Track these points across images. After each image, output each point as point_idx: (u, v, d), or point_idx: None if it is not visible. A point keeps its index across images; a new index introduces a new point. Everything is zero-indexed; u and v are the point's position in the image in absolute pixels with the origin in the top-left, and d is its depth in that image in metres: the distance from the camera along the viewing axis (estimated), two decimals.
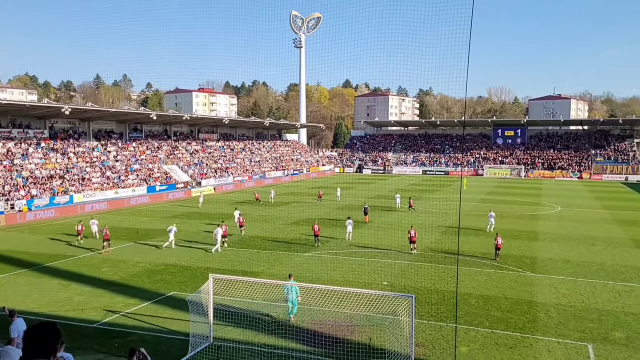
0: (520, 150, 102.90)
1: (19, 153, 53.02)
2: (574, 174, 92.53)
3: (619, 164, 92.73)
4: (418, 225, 37.74)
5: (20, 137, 55.92)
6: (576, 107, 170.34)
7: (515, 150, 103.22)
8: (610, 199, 59.22)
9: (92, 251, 31.01)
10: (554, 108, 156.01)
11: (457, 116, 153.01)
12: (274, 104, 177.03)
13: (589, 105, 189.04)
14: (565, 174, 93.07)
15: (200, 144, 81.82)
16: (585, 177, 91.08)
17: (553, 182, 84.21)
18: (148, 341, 16.91)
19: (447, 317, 19.16)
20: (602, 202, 56.00)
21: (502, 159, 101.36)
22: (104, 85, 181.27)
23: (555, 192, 66.53)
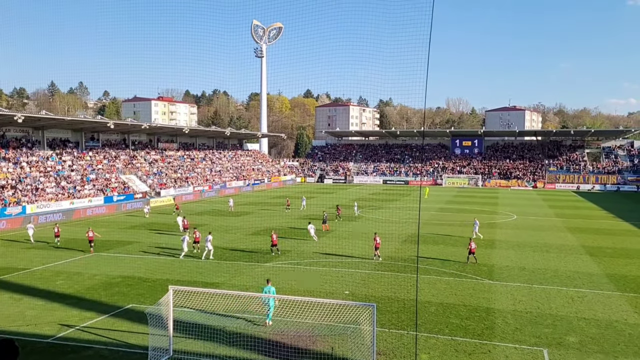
0: (477, 160, 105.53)
1: None
2: (528, 183, 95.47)
3: (570, 173, 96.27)
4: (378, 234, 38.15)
5: None
6: (530, 118, 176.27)
7: (472, 160, 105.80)
8: (563, 207, 61.37)
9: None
10: (509, 119, 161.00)
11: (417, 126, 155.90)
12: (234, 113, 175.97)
13: (542, 117, 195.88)
14: (520, 183, 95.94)
15: (160, 153, 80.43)
16: (539, 186, 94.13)
17: (509, 191, 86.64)
18: (105, 355, 16.45)
19: (407, 324, 19.39)
20: (555, 210, 57.97)
21: (460, 168, 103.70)
22: (59, 93, 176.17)
23: (511, 201, 68.48)
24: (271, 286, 20.01)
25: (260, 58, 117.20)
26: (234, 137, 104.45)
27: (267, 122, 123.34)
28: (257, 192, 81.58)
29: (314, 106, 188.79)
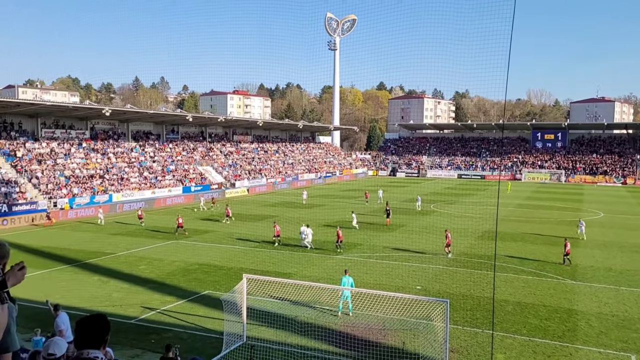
0: (560, 154, 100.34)
1: (61, 153, 54.68)
2: (617, 179, 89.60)
3: None
4: (452, 229, 37.23)
5: (63, 137, 57.67)
6: (620, 110, 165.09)
7: (555, 154, 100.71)
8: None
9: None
10: (596, 111, 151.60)
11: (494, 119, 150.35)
12: (307, 106, 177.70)
13: (634, 108, 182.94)
14: (607, 179, 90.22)
15: (235, 146, 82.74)
16: (629, 183, 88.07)
17: (595, 188, 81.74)
18: (183, 338, 17.16)
19: (482, 323, 18.80)
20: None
21: (541, 162, 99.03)
22: (142, 87, 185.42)
23: (597, 198, 64.57)
24: (349, 276, 19.88)
25: (333, 51, 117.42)
26: (307, 130, 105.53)
27: (339, 115, 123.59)
28: (329, 185, 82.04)
29: (387, 99, 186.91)
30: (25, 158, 50.37)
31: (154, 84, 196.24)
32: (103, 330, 3.33)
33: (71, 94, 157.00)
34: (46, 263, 27.98)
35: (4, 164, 47.75)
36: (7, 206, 41.51)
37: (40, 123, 55.82)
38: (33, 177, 48.17)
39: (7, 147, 50.36)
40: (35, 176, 48.43)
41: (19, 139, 52.77)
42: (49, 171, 50.56)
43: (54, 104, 57.29)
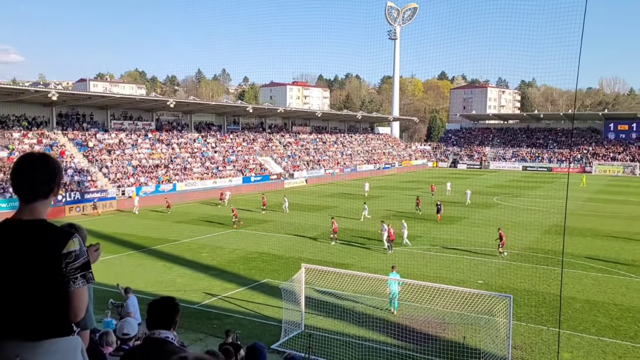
0: (635, 146, 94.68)
1: (129, 143, 57.06)
2: None
3: None
4: (517, 223, 36.00)
5: (131, 129, 60.14)
6: None
7: (629, 146, 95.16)
8: None
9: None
10: None
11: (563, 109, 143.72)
12: (366, 97, 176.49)
13: None
14: None
15: (293, 136, 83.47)
16: None
17: None
18: (243, 324, 17.53)
19: (547, 320, 18.09)
20: None
21: (613, 154, 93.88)
22: (205, 79, 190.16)
23: None
24: (396, 272, 19.43)
25: (393, 40, 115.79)
26: (365, 121, 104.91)
27: (399, 106, 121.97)
28: (387, 176, 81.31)
29: (448, 88, 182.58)
30: (96, 148, 52.93)
31: (215, 75, 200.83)
32: (173, 312, 3.43)
33: (138, 87, 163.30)
34: (115, 248, 29.33)
35: (77, 153, 50.38)
36: (79, 194, 43.81)
37: (110, 115, 58.41)
38: (103, 166, 50.57)
39: (80, 137, 53.07)
40: (105, 165, 50.82)
41: (91, 130, 55.48)
42: (118, 161, 52.90)
43: (122, 96, 59.81)
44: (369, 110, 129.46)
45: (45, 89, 49.77)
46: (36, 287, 2.54)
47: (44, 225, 2.63)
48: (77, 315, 2.66)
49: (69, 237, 2.61)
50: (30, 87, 60.90)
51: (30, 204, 2.66)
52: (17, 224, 2.63)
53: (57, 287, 2.57)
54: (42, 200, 2.68)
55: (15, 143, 46.68)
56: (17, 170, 2.67)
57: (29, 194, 2.66)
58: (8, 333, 2.54)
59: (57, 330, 2.60)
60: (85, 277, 2.64)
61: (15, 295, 2.54)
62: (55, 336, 2.58)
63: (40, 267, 2.54)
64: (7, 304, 2.55)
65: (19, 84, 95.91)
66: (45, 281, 2.55)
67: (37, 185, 2.65)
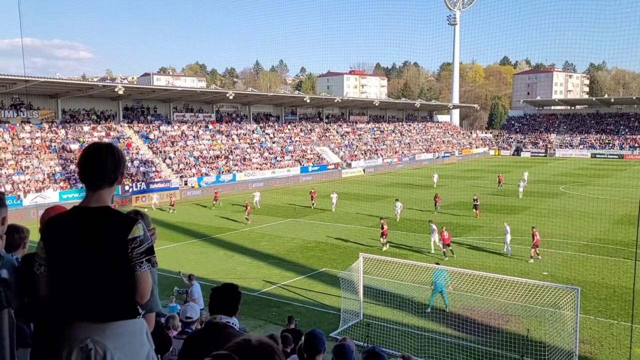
0: None
1: (191, 135, 58.77)
2: None
3: None
4: (584, 212, 34.41)
5: (192, 121, 61.88)
6: None
7: None
8: None
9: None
10: None
11: (636, 92, 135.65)
12: (424, 84, 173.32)
13: None
14: None
15: (351, 126, 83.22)
16: None
17: None
18: (302, 312, 17.73)
19: (618, 314, 17.23)
20: None
21: None
22: (262, 71, 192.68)
23: None
24: (442, 270, 18.13)
25: (453, 26, 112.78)
26: (424, 109, 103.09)
27: (459, 93, 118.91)
28: (447, 165, 79.66)
29: (511, 74, 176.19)
30: (160, 140, 54.85)
31: (273, 67, 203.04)
32: (235, 298, 3.53)
33: (198, 79, 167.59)
34: (178, 237, 30.37)
35: (142, 145, 52.41)
36: (145, 184, 45.62)
37: (172, 107, 60.31)
38: (167, 157, 52.37)
39: (145, 130, 55.15)
40: (169, 157, 52.61)
41: (154, 123, 57.52)
42: (180, 152, 54.62)
43: (183, 89, 61.61)
44: (428, 98, 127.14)
45: (112, 84, 51.98)
46: (104, 271, 2.65)
47: (110, 212, 2.74)
48: (143, 298, 2.76)
49: (133, 223, 2.70)
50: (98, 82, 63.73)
51: (97, 192, 2.77)
52: (85, 211, 2.74)
53: (124, 271, 2.67)
54: (107, 188, 2.79)
55: (86, 136, 49.10)
56: (84, 160, 2.79)
57: (95, 182, 2.76)
58: (79, 315, 2.66)
59: (124, 312, 2.70)
60: (150, 262, 2.74)
61: (85, 279, 2.65)
62: (122, 318, 2.69)
63: (108, 252, 2.64)
64: (78, 288, 2.67)
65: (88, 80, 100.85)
66: (113, 266, 2.65)
67: (103, 173, 2.75)
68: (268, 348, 1.78)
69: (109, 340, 2.60)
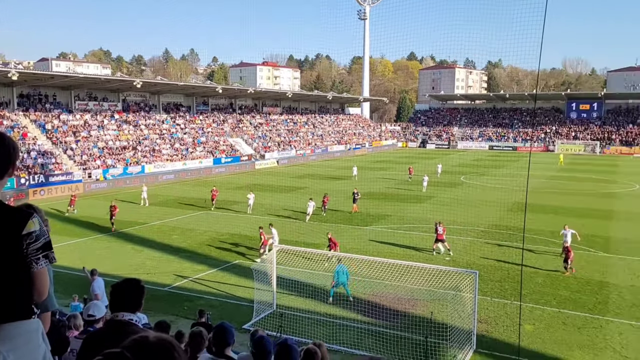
0: (595, 125, 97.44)
1: (94, 124, 55.82)
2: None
3: None
4: (482, 201, 36.86)
5: (96, 110, 58.78)
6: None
7: (589, 125, 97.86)
8: None
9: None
10: (635, 80, 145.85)
11: (528, 89, 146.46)
12: (336, 77, 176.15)
13: None
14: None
15: (264, 117, 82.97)
16: None
17: (631, 159, 79.37)
18: (215, 305, 17.65)
19: (511, 294, 18.76)
20: None
21: (575, 134, 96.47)
22: (172, 59, 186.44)
23: (633, 170, 62.75)
24: (343, 265, 18.53)
25: (363, 20, 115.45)
26: (336, 101, 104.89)
27: (369, 86, 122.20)
28: (358, 157, 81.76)
29: (417, 69, 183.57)
30: (60, 130, 51.61)
31: (183, 55, 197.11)
32: (138, 294, 3.36)
33: (103, 67, 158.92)
34: (82, 232, 28.91)
35: (40, 135, 49.06)
36: (44, 177, 42.80)
37: (74, 95, 56.91)
38: (68, 148, 49.41)
39: (43, 119, 51.64)
40: (70, 147, 49.67)
41: (54, 111, 54.00)
42: (83, 142, 51.76)
43: (86, 77, 58.23)
44: (340, 91, 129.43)
45: (5, 69, 48.10)
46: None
47: (2, 206, 2.54)
48: (41, 296, 2.62)
49: (28, 217, 2.55)
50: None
51: None
52: None
53: (19, 269, 2.51)
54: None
55: None
56: None
57: None
58: None
59: (18, 313, 2.53)
60: (47, 257, 2.61)
61: None
62: (17, 319, 2.52)
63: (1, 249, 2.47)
64: None
65: None
66: (7, 263, 2.48)
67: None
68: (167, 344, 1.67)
69: (2, 343, 2.43)
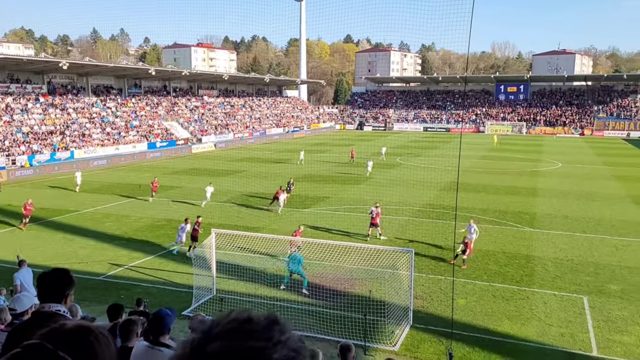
0: (522, 107, 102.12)
1: (17, 108, 52.66)
2: (575, 130, 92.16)
3: (620, 120, 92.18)
4: (417, 181, 37.95)
5: (19, 92, 55.42)
6: (580, 62, 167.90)
7: (517, 107, 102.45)
8: (611, 155, 59.22)
9: None
10: (557, 63, 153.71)
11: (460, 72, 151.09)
12: (273, 60, 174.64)
13: (594, 61, 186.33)
14: (566, 130, 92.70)
15: (200, 100, 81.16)
16: (586, 134, 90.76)
17: (554, 139, 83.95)
18: (153, 293, 17.30)
19: (445, 270, 19.52)
20: (602, 159, 56.04)
21: (503, 115, 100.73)
22: (101, 40, 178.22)
23: (556, 149, 66.48)
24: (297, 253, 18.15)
25: (299, 1, 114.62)
26: (273, 84, 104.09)
27: (306, 69, 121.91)
28: (297, 139, 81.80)
29: (354, 52, 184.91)
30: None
31: (113, 36, 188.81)
32: (65, 284, 3.23)
33: (25, 47, 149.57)
34: (7, 221, 27.40)
35: None
36: None
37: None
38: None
39: None
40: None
41: None
42: (5, 127, 48.78)
43: (6, 57, 54.62)
44: (277, 74, 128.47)
45: None
46: None
47: None
48: None
49: None
50: None
51: None
52: None
53: None
54: None
55: None
56: None
57: None
58: None
59: None
60: None
61: None
62: None
63: None
64: None
65: None
66: None
67: None
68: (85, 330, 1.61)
69: None
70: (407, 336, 14.49)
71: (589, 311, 16.08)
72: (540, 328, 14.98)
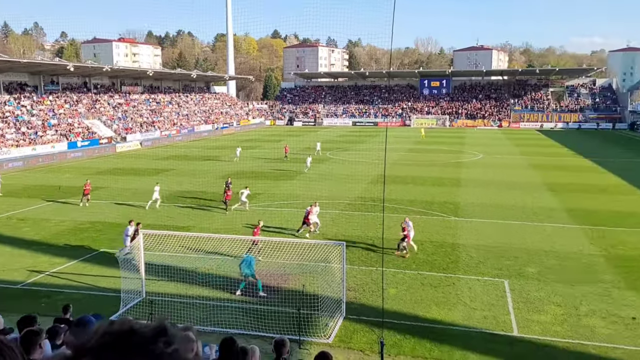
0: (445, 101, 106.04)
1: None
2: (494, 122, 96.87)
3: (534, 112, 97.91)
4: (347, 175, 38.55)
5: None
6: (497, 57, 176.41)
7: (440, 101, 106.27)
8: (527, 146, 62.83)
9: None
10: (476, 59, 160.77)
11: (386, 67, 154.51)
12: (200, 55, 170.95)
13: (509, 56, 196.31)
14: (486, 122, 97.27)
15: (123, 97, 78.11)
16: (504, 126, 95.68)
17: (475, 131, 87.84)
18: (77, 299, 16.54)
19: (376, 261, 19.98)
20: (520, 149, 59.34)
21: (428, 109, 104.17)
22: (13, 34, 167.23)
23: (477, 141, 69.63)
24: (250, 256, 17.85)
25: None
26: (201, 80, 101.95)
27: (234, 64, 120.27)
28: (226, 136, 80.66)
29: (282, 47, 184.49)
30: None
31: (26, 29, 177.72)
32: None
33: None
34: None
35: None
36: None
37: None
38: None
39: None
40: None
41: None
42: None
43: None
44: (204, 69, 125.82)
45: None
46: None
47: None
48: None
49: None
50: None
51: None
52: None
53: None
54: None
55: None
56: None
57: None
58: None
59: None
60: None
61: None
62: None
63: None
64: None
65: None
66: None
67: None
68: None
69: None
70: (340, 328, 14.75)
71: (510, 294, 17.04)
72: (465, 312, 15.71)
